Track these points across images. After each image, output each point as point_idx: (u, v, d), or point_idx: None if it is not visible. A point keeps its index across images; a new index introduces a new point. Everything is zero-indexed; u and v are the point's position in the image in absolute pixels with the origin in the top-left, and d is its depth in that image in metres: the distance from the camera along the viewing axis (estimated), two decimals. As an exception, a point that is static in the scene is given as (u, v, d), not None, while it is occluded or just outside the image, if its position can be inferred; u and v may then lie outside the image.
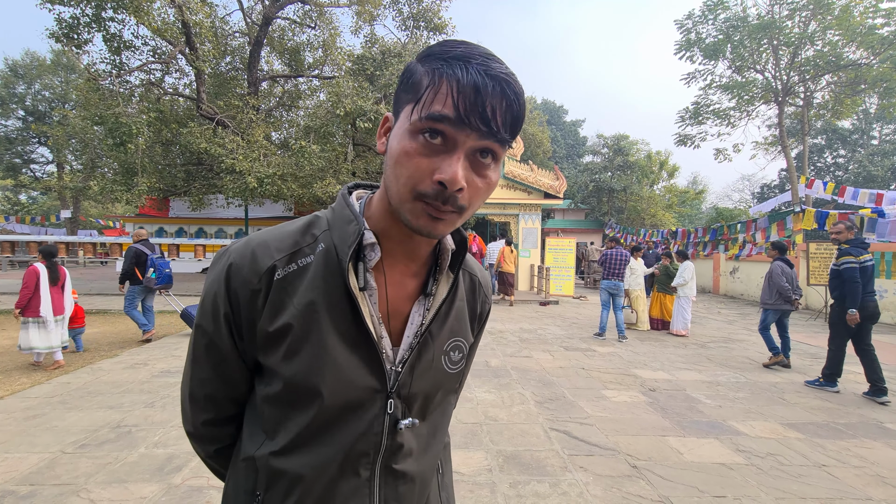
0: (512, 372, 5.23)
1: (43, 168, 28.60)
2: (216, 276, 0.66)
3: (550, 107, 37.58)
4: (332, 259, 0.65)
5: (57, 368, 4.96)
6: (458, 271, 0.72)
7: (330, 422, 0.64)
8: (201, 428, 0.75)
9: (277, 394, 0.64)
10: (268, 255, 0.64)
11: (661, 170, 26.61)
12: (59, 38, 10.33)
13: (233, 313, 0.65)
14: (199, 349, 0.70)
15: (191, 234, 17.95)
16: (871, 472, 3.00)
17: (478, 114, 0.53)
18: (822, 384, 4.93)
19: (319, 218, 0.70)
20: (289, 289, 0.64)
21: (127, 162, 11.43)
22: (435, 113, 0.54)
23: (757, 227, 12.69)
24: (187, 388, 0.73)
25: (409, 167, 0.56)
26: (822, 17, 16.81)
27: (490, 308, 0.86)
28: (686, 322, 7.72)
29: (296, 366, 0.62)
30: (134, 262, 6.24)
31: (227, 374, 0.69)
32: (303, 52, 15.34)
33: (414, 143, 0.56)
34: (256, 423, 0.69)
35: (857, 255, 4.65)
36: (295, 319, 0.62)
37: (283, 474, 0.65)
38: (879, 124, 30.57)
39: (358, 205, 0.69)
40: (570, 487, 2.71)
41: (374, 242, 0.65)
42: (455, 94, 0.53)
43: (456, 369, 0.74)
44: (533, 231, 13.99)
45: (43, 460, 2.88)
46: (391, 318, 0.69)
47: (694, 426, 3.73)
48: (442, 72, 0.54)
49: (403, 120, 0.58)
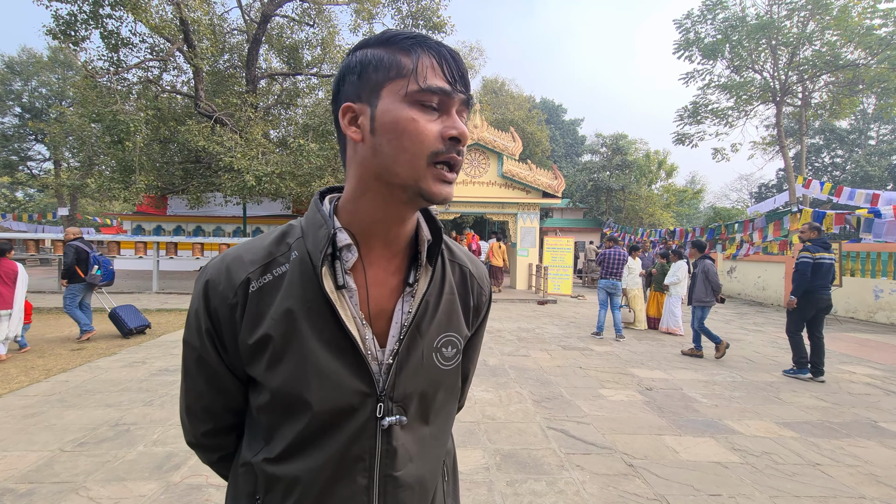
0: (510, 371, 5.25)
1: (40, 165, 28.48)
2: (196, 293, 0.68)
3: (549, 106, 37.54)
4: (306, 266, 0.65)
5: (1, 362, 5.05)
6: (438, 263, 0.72)
7: (323, 428, 0.64)
8: (202, 439, 0.76)
9: (267, 403, 0.65)
10: (242, 268, 0.65)
11: (659, 169, 26.64)
12: (57, 35, 10.28)
13: (214, 329, 0.66)
14: (189, 364, 0.71)
15: (189, 233, 17.91)
16: (865, 470, 3.03)
17: (460, 80, 0.63)
18: (795, 372, 5.35)
19: (293, 226, 0.71)
20: (266, 299, 0.64)
21: (124, 159, 11.38)
22: (433, 86, 0.60)
23: (754, 227, 12.74)
24: (184, 402, 0.74)
25: (419, 132, 0.60)
26: (820, 17, 16.84)
27: (489, 299, 0.84)
28: (677, 319, 7.76)
29: (280, 375, 0.63)
30: (75, 260, 6.12)
31: (221, 387, 0.70)
32: (301, 49, 15.29)
33: (415, 110, 0.60)
34: (254, 429, 0.70)
35: (814, 251, 5.22)
36: (273, 329, 0.63)
37: (280, 480, 0.65)
38: (877, 124, 30.68)
39: (329, 208, 0.69)
40: (566, 486, 2.73)
41: (349, 243, 0.65)
42: (443, 67, 0.62)
43: (451, 365, 0.73)
44: (531, 230, 14.00)
45: (42, 458, 2.89)
46: (377, 319, 0.68)
47: (690, 425, 3.75)
48: (419, 52, 0.62)
49: (392, 97, 0.61)
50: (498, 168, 13.57)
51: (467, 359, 0.84)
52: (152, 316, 8.35)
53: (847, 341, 7.50)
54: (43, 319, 7.78)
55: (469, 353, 0.84)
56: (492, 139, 13.27)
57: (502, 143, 13.32)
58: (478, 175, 13.61)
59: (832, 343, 7.27)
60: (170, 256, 11.95)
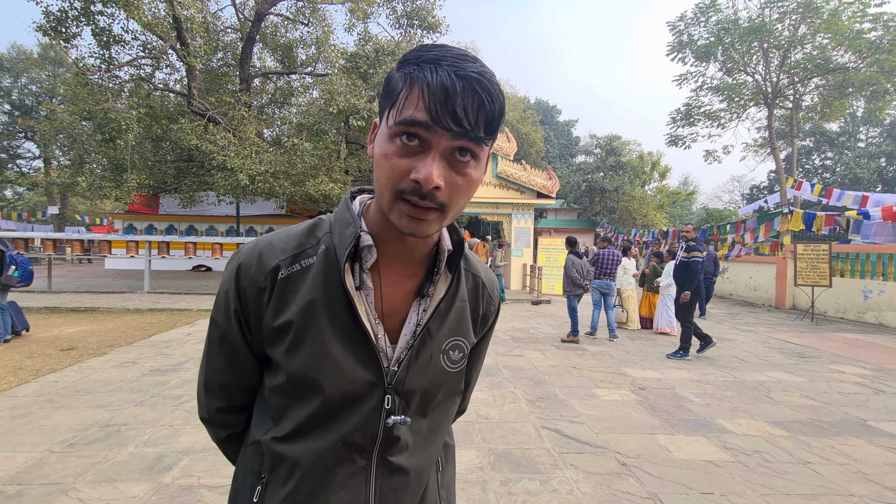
0: (504, 371, 5.26)
1: (29, 163, 28.12)
2: (229, 274, 0.71)
3: (544, 106, 37.65)
4: (331, 260, 0.68)
5: None
6: (456, 271, 0.74)
7: (330, 412, 0.68)
8: (214, 414, 0.80)
9: (282, 385, 0.68)
10: (273, 255, 0.69)
11: (652, 170, 26.79)
12: (47, 32, 10.15)
13: (242, 309, 0.70)
14: (213, 341, 0.75)
15: (181, 232, 17.77)
16: (854, 468, 3.06)
17: (448, 115, 0.55)
18: (680, 355, 6.06)
19: (323, 220, 0.74)
20: (292, 287, 0.68)
21: (116, 158, 11.26)
22: (408, 118, 0.56)
23: (746, 228, 12.85)
24: (203, 377, 0.79)
25: (388, 168, 0.58)
26: (811, 20, 17.01)
27: (497, 310, 0.86)
28: (670, 319, 7.81)
29: (298, 360, 0.66)
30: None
31: (239, 365, 0.74)
32: (296, 48, 15.23)
33: (392, 146, 0.58)
34: (265, 410, 0.74)
35: (700, 251, 6.06)
36: (296, 316, 0.66)
37: (285, 458, 0.69)
38: (866, 127, 31.07)
39: (358, 209, 0.72)
40: (560, 485, 2.74)
41: (370, 245, 0.68)
42: (426, 98, 0.55)
43: (456, 368, 0.76)
44: (525, 230, 14.04)
45: (30, 460, 2.85)
46: (389, 317, 0.71)
47: (682, 424, 3.78)
48: (413, 76, 0.57)
49: (383, 125, 0.61)
50: (493, 168, 13.59)
51: (471, 365, 0.86)
52: (144, 316, 8.28)
53: (836, 341, 7.58)
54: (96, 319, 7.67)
55: (473, 360, 0.87)
56: (486, 139, 13.30)
57: (497, 143, 13.34)
58: (472, 175, 13.63)
59: (822, 343, 7.36)
60: (162, 256, 11.84)
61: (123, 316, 8.25)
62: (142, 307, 9.03)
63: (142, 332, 6.82)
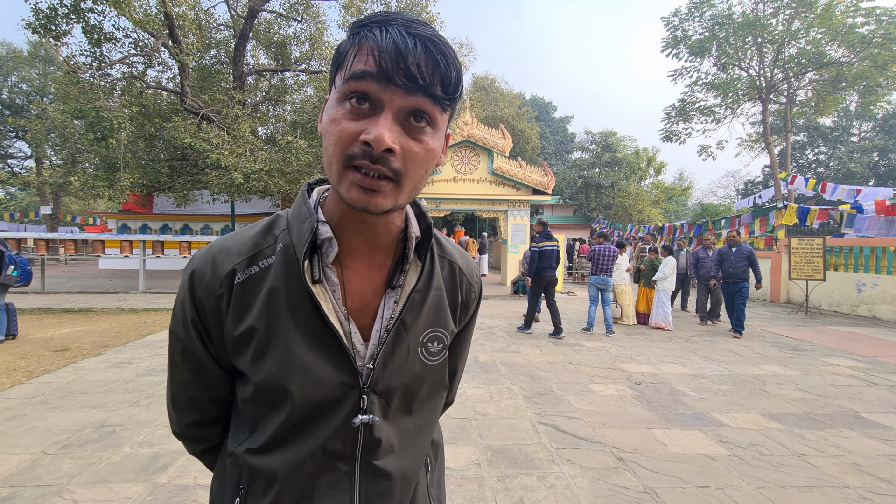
0: (500, 367, 5.27)
1: (21, 163, 27.77)
2: (182, 284, 0.67)
3: (539, 103, 37.60)
4: (290, 257, 0.64)
5: None
6: (429, 258, 0.70)
7: (306, 420, 0.64)
8: (187, 430, 0.76)
9: (252, 395, 0.64)
10: (228, 259, 0.65)
11: (648, 166, 26.84)
12: (37, 29, 10.02)
13: (200, 319, 0.66)
14: (175, 355, 0.70)
15: (176, 231, 17.64)
16: (848, 460, 3.09)
17: (401, 69, 0.51)
18: (522, 328, 7.29)
19: (280, 217, 0.70)
20: (252, 291, 0.64)
21: (108, 157, 11.15)
22: (357, 71, 0.52)
23: (741, 223, 12.91)
24: (170, 392, 0.74)
25: (337, 132, 0.54)
26: (805, 15, 17.07)
27: (478, 295, 0.82)
28: (666, 315, 7.84)
29: (265, 368, 0.62)
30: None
31: (206, 378, 0.70)
32: (289, 46, 15.11)
33: (341, 109, 0.55)
34: (240, 421, 0.70)
35: (539, 242, 6.89)
36: (258, 321, 0.63)
37: (262, 470, 0.65)
38: (859, 122, 31.23)
39: (315, 199, 0.68)
40: (557, 480, 2.75)
41: (330, 237, 0.64)
42: (376, 54, 0.51)
43: (436, 360, 0.72)
44: (522, 227, 14.04)
45: (24, 461, 2.82)
46: (360, 313, 0.67)
47: (678, 418, 3.80)
48: (362, 35, 0.54)
49: (334, 91, 0.57)
50: (488, 165, 13.57)
51: (455, 355, 0.83)
52: (138, 316, 8.23)
53: (830, 334, 7.64)
54: (91, 319, 7.61)
55: (457, 350, 0.83)
56: (482, 136, 13.27)
57: (492, 140, 13.32)
58: (468, 172, 13.60)
59: (816, 336, 7.41)
60: (156, 255, 11.77)
61: (118, 316, 8.20)
62: (136, 307, 8.97)
63: (136, 332, 6.78)
